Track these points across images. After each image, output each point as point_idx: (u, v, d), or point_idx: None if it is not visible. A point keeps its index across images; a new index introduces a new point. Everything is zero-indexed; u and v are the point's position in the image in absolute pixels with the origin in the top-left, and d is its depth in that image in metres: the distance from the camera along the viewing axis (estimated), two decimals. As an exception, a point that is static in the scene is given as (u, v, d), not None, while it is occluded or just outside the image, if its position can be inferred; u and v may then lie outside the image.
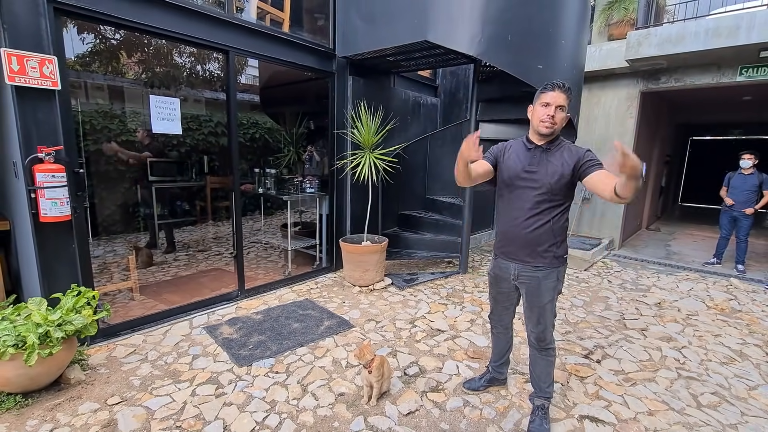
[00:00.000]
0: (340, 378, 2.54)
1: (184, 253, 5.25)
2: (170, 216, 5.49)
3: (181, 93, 5.98)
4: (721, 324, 3.60)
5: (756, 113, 8.76)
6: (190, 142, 6.15)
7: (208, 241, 5.84)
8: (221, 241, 5.86)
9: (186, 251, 5.34)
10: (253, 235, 6.23)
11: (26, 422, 2.05)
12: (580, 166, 1.87)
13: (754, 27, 4.67)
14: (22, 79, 2.36)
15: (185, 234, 6.00)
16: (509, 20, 3.38)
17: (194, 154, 6.12)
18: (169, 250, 5.27)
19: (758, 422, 2.24)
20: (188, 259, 5.05)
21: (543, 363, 2.09)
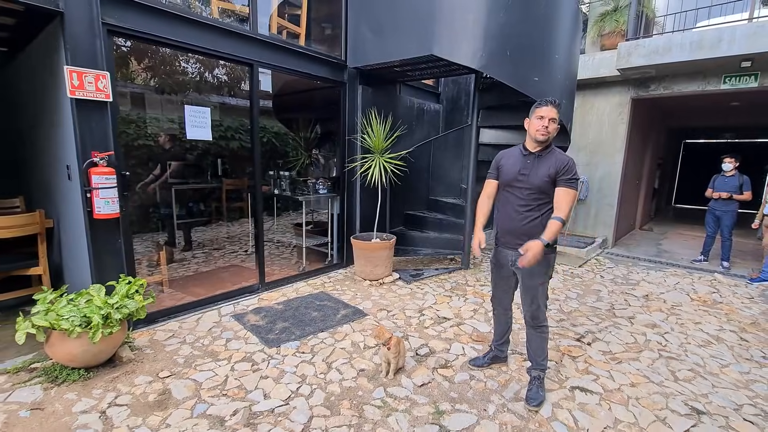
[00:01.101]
0: (360, 357, 2.86)
1: (201, 251, 5.56)
2: (188, 216, 5.80)
3: (189, 98, 6.28)
4: (702, 313, 3.93)
5: (745, 118, 9.15)
6: (202, 146, 6.46)
7: (222, 240, 6.16)
8: (234, 240, 6.17)
9: (202, 249, 5.65)
10: (265, 234, 6.53)
11: (92, 391, 2.36)
12: (558, 176, 2.22)
13: (735, 40, 5.04)
14: (81, 93, 2.68)
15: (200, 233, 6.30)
16: (508, 36, 3.73)
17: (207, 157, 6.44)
18: (187, 248, 5.57)
19: (726, 392, 2.57)
20: (205, 256, 5.36)
21: (537, 339, 2.43)
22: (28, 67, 3.58)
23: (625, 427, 2.19)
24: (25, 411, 2.16)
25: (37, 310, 2.44)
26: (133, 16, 2.90)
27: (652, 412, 2.34)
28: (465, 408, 2.32)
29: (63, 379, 2.43)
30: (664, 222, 10.45)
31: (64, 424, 2.07)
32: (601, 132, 6.90)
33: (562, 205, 2.19)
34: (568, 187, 2.19)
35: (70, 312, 2.43)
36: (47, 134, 3.26)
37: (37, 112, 3.42)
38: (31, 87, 3.49)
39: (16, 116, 4.13)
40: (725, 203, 5.68)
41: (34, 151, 3.77)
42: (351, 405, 2.31)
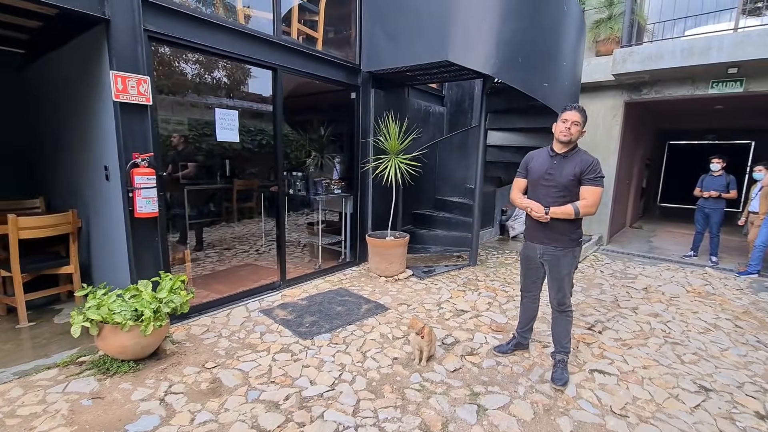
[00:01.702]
0: (390, 347, 3.03)
1: (212, 250, 5.65)
2: (198, 216, 5.88)
3: (188, 99, 6.31)
4: (698, 304, 4.22)
5: (728, 121, 9.63)
6: (206, 147, 6.53)
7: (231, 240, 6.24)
8: (243, 239, 6.27)
9: (213, 249, 5.74)
10: (297, 230, 6.61)
11: (144, 381, 2.47)
12: (582, 175, 2.43)
13: (723, 48, 5.37)
14: (124, 97, 2.79)
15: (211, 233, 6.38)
16: (520, 43, 3.95)
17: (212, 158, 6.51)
18: (198, 248, 5.65)
19: (728, 372, 2.83)
20: (218, 256, 5.45)
21: (563, 323, 2.64)
22: (57, 70, 3.65)
23: (644, 403, 2.42)
24: (87, 400, 2.27)
25: (89, 305, 2.54)
26: (171, 23, 3.02)
27: (665, 390, 2.57)
28: (497, 390, 2.51)
29: (114, 371, 2.54)
30: (652, 220, 10.89)
31: (127, 410, 2.19)
32: (596, 134, 7.21)
33: (587, 197, 2.40)
34: (592, 184, 2.40)
35: (120, 306, 2.54)
36: (81, 136, 3.34)
37: (69, 114, 3.49)
38: (62, 90, 3.56)
39: (38, 118, 4.19)
40: (714, 201, 6.02)
41: (60, 153, 3.84)
42: (392, 389, 2.48)
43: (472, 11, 3.93)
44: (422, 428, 2.13)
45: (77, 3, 2.57)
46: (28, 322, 3.24)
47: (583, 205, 2.41)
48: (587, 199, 2.41)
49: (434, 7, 4.01)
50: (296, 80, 5.82)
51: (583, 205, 2.41)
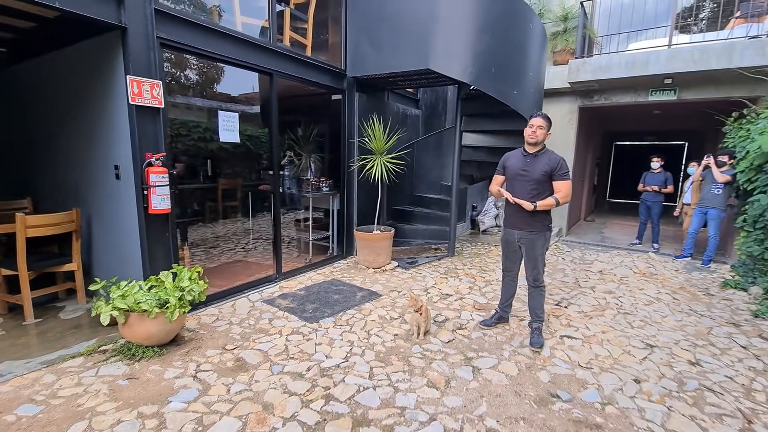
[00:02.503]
0: (389, 326, 3.39)
1: (198, 249, 5.74)
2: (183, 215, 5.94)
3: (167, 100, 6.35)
4: (643, 282, 4.92)
5: (664, 124, 10.82)
6: (181, 147, 6.57)
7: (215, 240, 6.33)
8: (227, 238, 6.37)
9: (199, 248, 5.83)
10: (264, 230, 6.76)
11: (172, 363, 2.68)
12: (554, 172, 2.92)
13: (659, 62, 6.19)
14: (139, 100, 2.97)
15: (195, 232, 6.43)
16: (493, 56, 4.44)
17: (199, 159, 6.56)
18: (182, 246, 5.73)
19: (668, 333, 3.44)
20: (204, 254, 5.56)
21: (537, 296, 3.13)
22: (55, 72, 3.69)
23: (604, 359, 2.94)
24: (122, 380, 2.46)
25: (114, 295, 2.71)
26: (181, 31, 3.22)
27: (619, 348, 3.12)
28: (486, 354, 2.95)
29: (140, 356, 2.72)
30: (602, 214, 11.96)
31: (165, 387, 2.41)
32: (555, 136, 7.86)
33: (561, 190, 2.90)
34: (563, 179, 2.90)
35: (145, 296, 2.73)
36: (85, 136, 3.43)
37: (68, 115, 3.57)
38: (61, 91, 3.62)
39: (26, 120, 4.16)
40: (654, 195, 6.88)
41: (53, 153, 3.87)
42: (398, 358, 2.85)
43: (451, 27, 4.37)
44: (429, 385, 2.51)
45: (97, 11, 2.73)
46: (34, 318, 3.30)
47: (560, 196, 2.90)
48: (562, 191, 2.90)
49: (416, 21, 4.42)
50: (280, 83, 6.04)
51: (561, 196, 2.90)
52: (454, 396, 2.41)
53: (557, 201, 2.91)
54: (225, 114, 3.76)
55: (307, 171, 6.68)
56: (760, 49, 5.48)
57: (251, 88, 6.71)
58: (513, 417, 2.24)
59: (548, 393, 2.48)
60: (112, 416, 2.12)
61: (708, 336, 3.40)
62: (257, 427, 2.07)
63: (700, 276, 5.27)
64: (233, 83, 6.45)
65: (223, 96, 6.84)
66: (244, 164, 6.69)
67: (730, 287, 4.70)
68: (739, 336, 3.41)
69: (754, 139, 4.91)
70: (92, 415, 2.12)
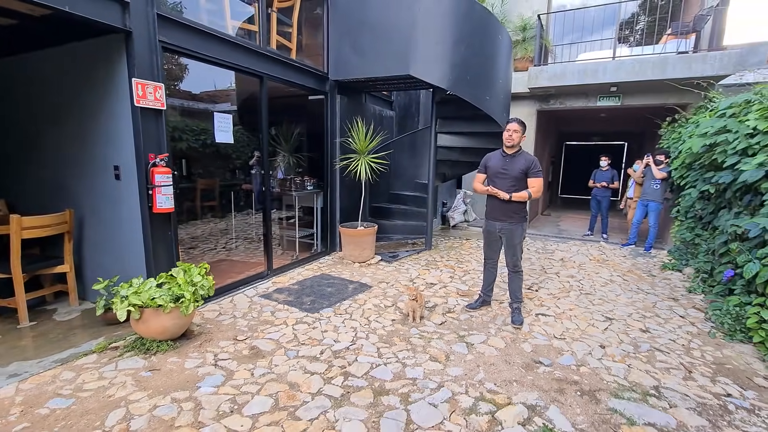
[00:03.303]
0: (385, 313, 3.69)
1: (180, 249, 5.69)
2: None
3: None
4: (598, 267, 5.57)
5: (608, 126, 11.93)
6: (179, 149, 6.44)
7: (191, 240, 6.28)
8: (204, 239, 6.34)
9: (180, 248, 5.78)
10: (244, 229, 6.78)
11: (188, 354, 2.81)
12: (529, 171, 3.35)
13: (607, 71, 6.95)
14: (143, 102, 3.04)
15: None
16: (468, 65, 4.85)
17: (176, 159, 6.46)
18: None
19: (622, 308, 4.00)
20: (186, 255, 5.54)
21: (516, 280, 3.56)
22: (41, 71, 3.60)
23: (573, 331, 3.42)
24: (145, 372, 2.56)
25: (128, 293, 2.78)
26: (181, 35, 3.31)
27: (585, 321, 3.62)
28: (476, 332, 3.33)
29: (155, 350, 2.82)
30: (556, 208, 12.96)
31: (189, 375, 2.55)
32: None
33: (534, 185, 3.32)
34: (536, 176, 3.34)
35: (158, 292, 2.83)
36: (78, 137, 3.41)
37: (57, 115, 3.51)
38: (48, 91, 3.55)
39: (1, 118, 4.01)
40: (603, 191, 7.68)
41: (41, 153, 3.76)
42: (400, 339, 3.15)
43: (431, 37, 4.72)
44: (432, 360, 2.84)
45: (103, 15, 2.78)
46: (28, 321, 3.25)
47: (533, 191, 3.33)
48: (534, 186, 3.33)
49: (397, 30, 4.72)
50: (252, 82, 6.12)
51: (534, 191, 3.33)
52: (455, 367, 2.76)
53: (530, 194, 3.34)
54: (220, 116, 3.86)
55: (277, 171, 6.80)
56: (688, 63, 6.34)
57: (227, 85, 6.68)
58: (507, 380, 2.62)
59: (532, 360, 2.90)
60: (146, 402, 2.25)
61: (654, 309, 4.01)
62: (289, 401, 2.29)
63: (644, 260, 6.03)
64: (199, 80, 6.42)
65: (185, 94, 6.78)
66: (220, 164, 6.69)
67: (668, 269, 5.45)
68: (677, 308, 4.05)
69: (685, 141, 5.71)
70: (126, 403, 2.24)
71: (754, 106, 3.84)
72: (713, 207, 4.62)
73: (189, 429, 2.04)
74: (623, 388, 2.55)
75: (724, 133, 4.09)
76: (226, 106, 6.25)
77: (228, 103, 7.15)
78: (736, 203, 3.91)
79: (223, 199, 6.51)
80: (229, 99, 6.87)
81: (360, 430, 2.07)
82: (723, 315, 3.53)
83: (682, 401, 2.43)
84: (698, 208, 5.02)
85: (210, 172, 6.79)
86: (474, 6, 4.85)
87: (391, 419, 2.16)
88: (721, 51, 6.24)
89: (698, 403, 2.42)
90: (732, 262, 3.84)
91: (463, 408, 2.30)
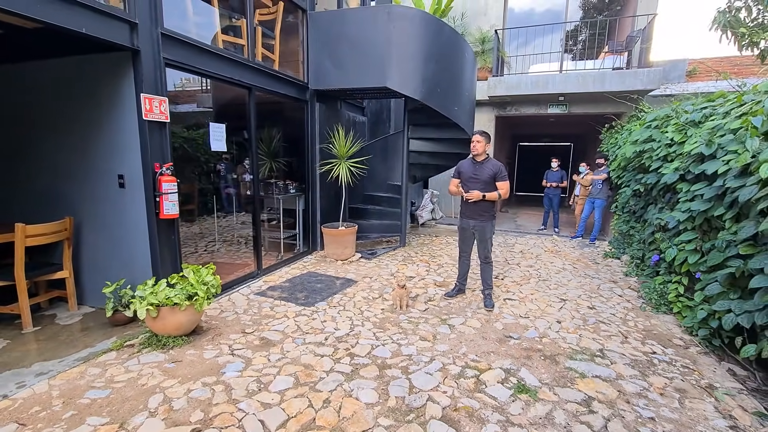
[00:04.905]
0: (374, 303, 4.12)
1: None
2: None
3: None
4: (552, 257, 6.33)
5: (556, 129, 13.07)
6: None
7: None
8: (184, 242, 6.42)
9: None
10: (228, 230, 6.89)
11: (203, 347, 3.08)
12: (496, 176, 3.92)
13: (556, 83, 7.80)
14: (150, 116, 3.26)
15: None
16: (439, 80, 5.38)
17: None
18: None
19: (573, 291, 4.71)
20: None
21: (488, 270, 4.13)
22: (37, 81, 3.64)
23: (535, 311, 4.04)
24: (168, 363, 2.82)
25: (144, 293, 3.01)
26: (181, 51, 3.53)
27: (544, 303, 4.26)
28: (455, 316, 3.85)
29: (171, 345, 3.06)
30: (512, 206, 13.97)
31: (210, 363, 2.84)
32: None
33: (502, 188, 3.89)
34: (503, 180, 3.91)
35: (172, 292, 3.08)
36: (80, 147, 3.52)
37: (61, 126, 3.58)
38: (45, 101, 3.60)
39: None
40: (554, 189, 8.58)
41: (36, 162, 3.79)
42: (392, 325, 3.60)
43: (405, 53, 5.20)
44: (422, 339, 3.31)
45: (115, 35, 2.98)
46: (32, 327, 3.35)
47: (502, 192, 3.89)
48: (503, 189, 3.90)
49: (374, 45, 5.16)
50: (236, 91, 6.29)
51: (503, 192, 3.90)
52: (442, 344, 3.25)
53: (500, 195, 3.91)
54: (215, 125, 4.09)
55: (245, 173, 7.01)
56: (622, 78, 7.29)
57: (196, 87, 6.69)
58: (485, 352, 3.14)
59: (504, 336, 3.46)
60: (179, 388, 2.53)
61: (598, 290, 4.75)
62: (307, 379, 2.66)
63: (589, 250, 6.90)
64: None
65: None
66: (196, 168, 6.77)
67: (609, 257, 6.32)
68: (617, 288, 4.82)
69: (621, 147, 6.63)
70: (161, 389, 2.51)
71: (672, 120, 4.67)
72: (643, 203, 5.49)
73: (227, 405, 2.37)
74: (576, 351, 3.17)
75: (650, 141, 4.91)
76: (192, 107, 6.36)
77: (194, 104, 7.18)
78: (660, 200, 4.73)
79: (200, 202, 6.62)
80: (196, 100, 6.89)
81: (373, 395, 2.50)
82: (651, 292, 4.31)
83: (620, 359, 3.08)
84: (632, 204, 5.90)
85: (187, 177, 6.86)
86: (443, 27, 5.38)
87: (396, 386, 2.60)
88: (648, 68, 7.25)
89: (632, 360, 3.07)
90: (657, 249, 4.66)
91: (453, 374, 2.79)
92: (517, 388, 2.62)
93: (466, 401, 2.47)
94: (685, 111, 4.42)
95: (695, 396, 2.62)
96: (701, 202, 3.38)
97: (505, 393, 2.57)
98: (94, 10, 2.80)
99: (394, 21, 5.06)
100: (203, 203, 7.10)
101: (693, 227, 3.64)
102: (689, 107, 4.43)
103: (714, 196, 3.26)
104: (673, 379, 2.82)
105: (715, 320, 3.16)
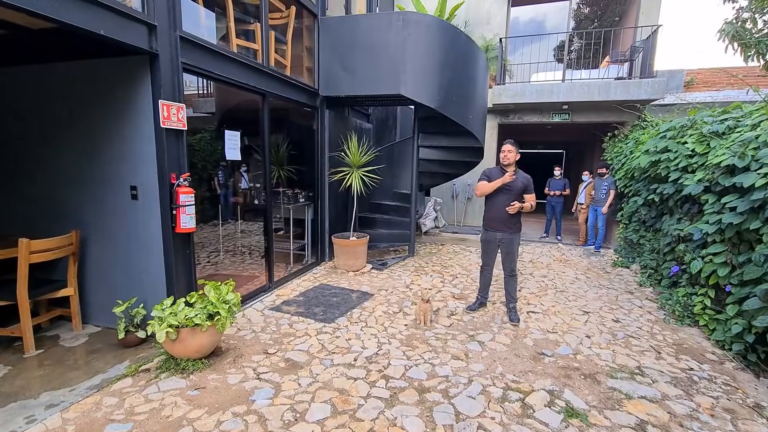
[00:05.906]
0: (396, 319, 3.97)
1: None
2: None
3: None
4: (563, 267, 6.28)
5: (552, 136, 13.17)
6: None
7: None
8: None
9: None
10: (232, 240, 6.64)
11: (226, 371, 2.88)
12: (527, 188, 3.83)
13: (560, 92, 7.81)
14: (168, 123, 3.06)
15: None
16: (454, 87, 5.30)
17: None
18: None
19: (593, 303, 4.63)
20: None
21: (513, 282, 4.02)
22: (41, 86, 3.40)
23: (561, 325, 3.94)
24: (191, 391, 2.61)
25: (163, 314, 2.80)
26: (199, 56, 3.36)
27: (568, 316, 4.17)
28: (482, 331, 3.72)
29: (191, 369, 2.85)
30: (510, 212, 13.99)
31: (237, 390, 2.64)
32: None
33: (530, 200, 3.82)
34: (531, 193, 3.83)
35: (192, 311, 2.87)
36: (87, 156, 3.29)
37: (66, 133, 3.35)
38: (52, 108, 3.37)
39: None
40: (557, 198, 8.58)
41: (38, 172, 3.54)
42: (420, 342, 3.45)
43: (420, 61, 5.11)
44: (454, 358, 3.17)
45: (133, 37, 2.79)
46: (35, 350, 3.09)
47: (532, 204, 3.81)
48: (531, 201, 3.81)
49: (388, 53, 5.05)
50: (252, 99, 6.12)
51: (532, 204, 3.81)
52: (476, 363, 3.12)
53: (531, 206, 3.83)
54: (230, 133, 3.91)
55: (241, 180, 6.80)
56: (627, 88, 7.34)
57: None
58: (522, 371, 3.02)
59: (536, 353, 3.34)
60: (208, 419, 2.33)
61: (617, 302, 4.69)
62: (345, 406, 2.49)
63: (596, 259, 6.88)
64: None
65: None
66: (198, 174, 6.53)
67: (619, 266, 6.29)
68: (635, 300, 4.77)
69: (627, 156, 6.64)
70: (189, 422, 2.31)
71: (689, 130, 4.67)
72: (656, 213, 5.48)
73: (264, 439, 2.18)
74: (615, 370, 3.07)
75: (665, 152, 4.91)
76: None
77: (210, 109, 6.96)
78: (678, 210, 4.72)
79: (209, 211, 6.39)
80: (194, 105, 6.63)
81: (419, 424, 2.34)
82: (673, 304, 4.26)
83: (660, 377, 2.99)
84: (643, 213, 5.89)
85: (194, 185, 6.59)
86: (459, 34, 5.31)
87: (441, 412, 2.46)
88: (652, 78, 7.32)
89: (672, 377, 2.99)
90: (676, 260, 4.63)
91: (496, 398, 2.65)
92: (566, 412, 2.50)
93: (517, 428, 2.34)
94: (704, 122, 4.41)
95: (746, 417, 2.54)
96: (734, 214, 3.34)
97: (555, 418, 2.45)
98: (114, 11, 2.61)
99: (409, 27, 4.97)
100: (210, 212, 6.87)
101: (722, 240, 3.60)
102: (708, 118, 4.43)
103: (748, 209, 3.22)
104: (719, 398, 2.74)
105: (751, 335, 3.11)
